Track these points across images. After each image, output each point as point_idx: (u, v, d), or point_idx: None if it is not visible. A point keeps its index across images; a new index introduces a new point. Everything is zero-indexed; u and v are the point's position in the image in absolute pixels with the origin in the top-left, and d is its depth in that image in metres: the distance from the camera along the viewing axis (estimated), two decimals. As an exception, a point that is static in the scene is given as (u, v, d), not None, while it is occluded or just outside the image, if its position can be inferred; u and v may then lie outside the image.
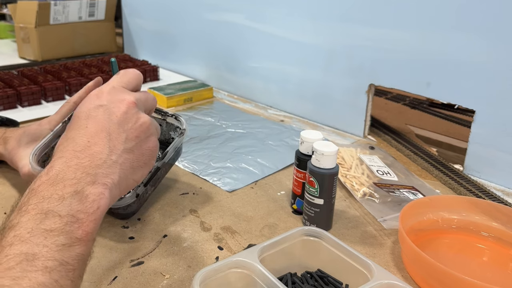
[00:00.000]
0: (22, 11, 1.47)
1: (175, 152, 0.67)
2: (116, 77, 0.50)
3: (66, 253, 0.37)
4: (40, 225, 0.36)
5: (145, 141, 0.48)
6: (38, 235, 0.36)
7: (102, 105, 0.46)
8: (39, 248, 0.35)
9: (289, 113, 1.10)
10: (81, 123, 0.45)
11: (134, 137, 0.46)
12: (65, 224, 0.37)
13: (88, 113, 0.45)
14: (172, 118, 0.69)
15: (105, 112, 0.45)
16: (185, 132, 0.66)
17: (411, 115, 1.15)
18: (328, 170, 0.59)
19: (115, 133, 0.45)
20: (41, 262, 0.35)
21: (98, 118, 0.45)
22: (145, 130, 0.48)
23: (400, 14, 0.84)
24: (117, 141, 0.45)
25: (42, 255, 0.35)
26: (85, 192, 0.40)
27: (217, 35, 1.24)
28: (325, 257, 0.51)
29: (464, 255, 0.59)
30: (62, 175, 0.40)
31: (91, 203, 0.39)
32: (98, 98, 0.47)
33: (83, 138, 0.43)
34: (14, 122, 0.85)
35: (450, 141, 0.99)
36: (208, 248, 0.58)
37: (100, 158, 0.42)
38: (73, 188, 0.39)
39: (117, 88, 0.48)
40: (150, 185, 0.63)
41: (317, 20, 0.98)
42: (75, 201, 0.39)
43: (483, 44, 0.75)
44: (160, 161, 0.64)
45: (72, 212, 0.38)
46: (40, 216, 0.37)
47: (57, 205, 0.38)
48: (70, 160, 0.41)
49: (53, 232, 0.37)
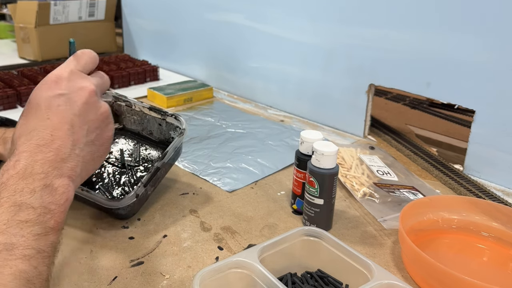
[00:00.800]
0: (22, 11, 1.47)
1: (175, 152, 0.67)
2: (73, 60, 0.50)
3: (41, 242, 0.39)
4: (15, 217, 0.38)
5: (104, 130, 0.49)
6: (14, 226, 0.38)
7: (63, 94, 0.46)
8: (16, 238, 0.37)
9: (289, 113, 1.10)
10: (42, 113, 0.45)
11: (95, 128, 0.48)
12: (38, 215, 0.39)
13: (49, 102, 0.45)
14: (172, 118, 0.69)
15: (67, 102, 0.46)
16: (184, 131, 0.66)
17: (411, 115, 1.15)
18: (328, 170, 0.59)
19: (77, 125, 0.46)
20: (19, 251, 0.37)
21: (60, 109, 0.45)
22: (104, 119, 0.49)
23: (400, 14, 0.84)
24: (79, 134, 0.46)
25: (20, 244, 0.37)
26: (54, 185, 0.42)
27: (217, 35, 1.24)
28: (325, 257, 0.51)
29: (464, 255, 0.59)
30: (30, 169, 0.41)
31: (60, 195, 0.42)
32: (57, 85, 0.47)
33: (46, 131, 0.44)
34: (14, 122, 0.85)
35: (450, 141, 0.99)
36: (208, 248, 0.58)
37: (64, 152, 0.44)
38: (42, 182, 0.41)
39: (75, 72, 0.48)
40: (150, 185, 0.63)
41: (317, 20, 0.98)
42: (45, 193, 0.41)
43: (483, 44, 0.75)
44: (160, 161, 0.63)
45: (44, 204, 0.40)
46: (14, 209, 0.39)
47: (30, 197, 0.40)
48: (35, 155, 0.42)
49: (28, 223, 0.39)
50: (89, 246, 0.58)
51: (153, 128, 0.73)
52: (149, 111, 0.70)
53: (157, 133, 0.73)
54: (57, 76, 0.47)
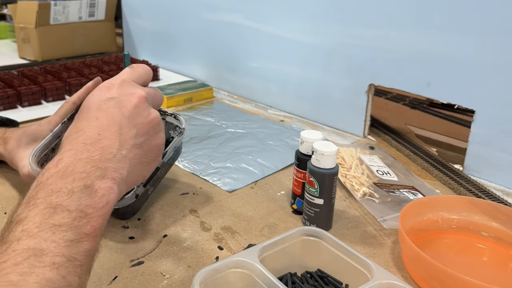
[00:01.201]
0: (22, 11, 1.47)
1: (174, 151, 0.66)
2: (127, 71, 0.50)
3: (74, 249, 0.36)
4: (48, 220, 0.36)
5: (154, 137, 0.48)
6: (46, 230, 0.36)
7: (113, 98, 0.45)
8: (47, 244, 0.35)
9: (289, 113, 1.10)
10: (91, 115, 0.44)
11: (143, 132, 0.46)
12: (73, 219, 0.37)
13: (99, 104, 0.45)
14: (172, 117, 0.68)
15: (116, 105, 0.45)
16: (184, 131, 0.66)
17: (411, 115, 1.15)
18: (328, 170, 0.59)
19: (126, 127, 0.45)
20: (49, 258, 0.34)
21: (109, 111, 0.44)
22: (154, 125, 0.48)
23: (400, 14, 0.84)
24: (127, 135, 0.45)
25: (50, 250, 0.35)
26: (95, 186, 0.39)
27: (217, 35, 1.24)
28: (325, 257, 0.51)
29: (464, 255, 0.59)
30: (71, 168, 0.39)
31: (100, 197, 0.39)
32: (108, 90, 0.46)
33: (94, 130, 0.43)
34: (14, 122, 0.85)
35: (450, 141, 0.99)
36: (208, 248, 0.58)
37: (110, 152, 0.42)
38: (82, 182, 0.39)
39: (127, 81, 0.48)
40: (150, 185, 0.63)
41: (317, 20, 0.98)
42: (84, 195, 0.38)
43: (483, 44, 0.75)
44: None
45: (81, 207, 0.38)
46: (49, 211, 0.37)
47: (66, 199, 0.37)
48: (80, 153, 0.41)
49: (62, 227, 0.36)
50: (89, 246, 0.58)
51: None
52: None
53: None
54: (109, 83, 0.47)
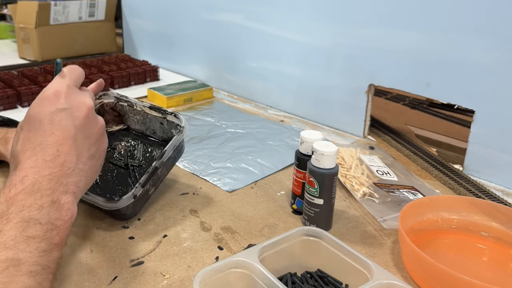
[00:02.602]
0: (22, 11, 1.47)
1: (175, 150, 0.66)
2: (65, 75, 0.51)
3: (46, 258, 0.40)
4: (23, 233, 0.39)
5: (102, 143, 0.51)
6: (22, 242, 0.39)
7: (64, 109, 0.47)
8: (23, 254, 0.38)
9: (289, 113, 1.10)
10: (45, 128, 0.46)
11: (95, 141, 0.49)
12: (45, 231, 0.41)
13: (51, 117, 0.46)
14: (172, 116, 0.69)
15: (68, 117, 0.47)
16: (184, 129, 0.66)
17: (411, 115, 1.15)
18: (328, 170, 0.59)
19: (80, 140, 0.47)
20: (26, 267, 0.38)
21: (63, 124, 0.46)
22: (102, 133, 0.51)
23: (400, 14, 0.85)
24: (82, 148, 0.47)
25: (26, 260, 0.38)
26: (61, 201, 0.43)
27: (217, 35, 1.24)
28: (325, 257, 0.51)
29: (464, 255, 0.59)
30: (38, 185, 0.42)
31: (66, 211, 0.43)
32: (58, 100, 0.47)
33: (52, 146, 0.45)
34: (15, 122, 0.85)
35: (450, 141, 0.99)
36: (208, 248, 0.58)
37: (69, 167, 0.45)
38: (50, 198, 0.42)
39: (72, 87, 0.50)
40: (151, 185, 0.63)
41: (317, 20, 0.98)
42: (52, 210, 0.42)
43: (483, 44, 0.75)
44: (158, 161, 0.63)
45: (51, 220, 0.41)
46: (23, 224, 0.40)
47: (38, 213, 0.41)
48: (43, 170, 0.43)
49: (35, 239, 0.40)
50: (89, 246, 0.58)
51: (156, 127, 0.73)
52: (150, 110, 0.70)
53: (160, 132, 0.73)
54: (55, 91, 0.48)
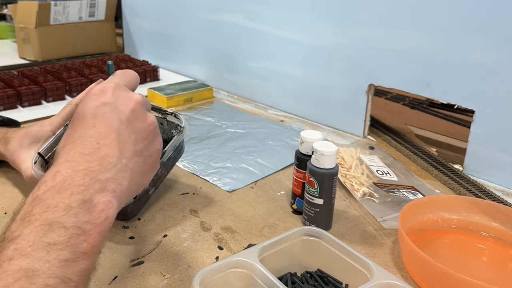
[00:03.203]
0: (22, 11, 1.47)
1: (175, 151, 0.66)
2: (118, 75, 0.48)
3: (69, 269, 0.34)
4: (43, 238, 0.34)
5: (152, 142, 0.46)
6: (40, 249, 0.33)
7: (109, 103, 0.43)
8: (40, 264, 0.33)
9: (289, 113, 1.10)
10: (87, 122, 0.42)
11: (143, 138, 0.45)
12: (70, 237, 0.35)
13: (94, 111, 0.43)
14: (172, 116, 0.68)
15: (113, 110, 0.43)
16: (184, 129, 0.65)
17: (411, 115, 1.15)
18: (328, 170, 0.59)
19: (125, 134, 0.42)
20: (41, 279, 0.32)
21: (106, 117, 0.42)
22: (153, 130, 0.46)
23: (400, 14, 0.85)
24: (127, 142, 0.42)
25: (43, 271, 0.33)
26: (94, 201, 0.37)
27: (217, 35, 1.24)
28: (325, 257, 0.51)
29: (464, 255, 0.59)
30: (69, 181, 0.37)
31: (99, 212, 0.37)
32: (103, 95, 0.44)
33: (92, 139, 0.40)
34: (15, 122, 0.85)
35: (450, 141, 0.99)
36: (208, 248, 0.58)
37: (110, 162, 0.40)
38: (80, 196, 0.37)
39: (120, 85, 0.46)
40: (150, 185, 0.63)
41: (317, 20, 0.98)
42: (82, 210, 0.36)
43: (483, 44, 0.75)
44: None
45: (78, 224, 0.35)
46: (44, 228, 0.34)
47: (63, 215, 0.35)
48: (78, 164, 0.38)
49: (57, 246, 0.34)
50: (89, 246, 0.58)
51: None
52: (151, 110, 0.70)
53: (161, 132, 0.71)
54: (102, 88, 0.45)
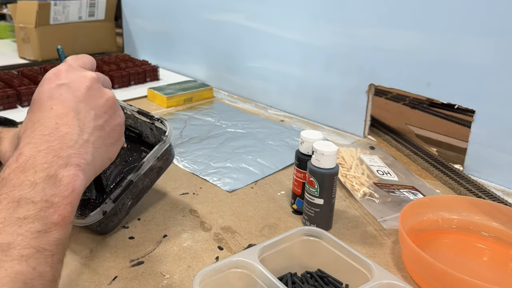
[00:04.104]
0: (22, 11, 1.47)
1: (160, 160, 0.61)
2: (71, 57, 0.49)
3: (42, 240, 0.36)
4: (13, 214, 0.36)
5: (113, 117, 0.47)
6: (12, 224, 0.35)
7: (64, 84, 0.44)
8: (13, 237, 0.35)
9: (289, 113, 1.10)
10: (45, 105, 0.43)
11: (102, 112, 0.46)
12: (39, 210, 0.37)
13: (50, 93, 0.44)
14: (159, 123, 0.64)
15: (69, 90, 0.44)
16: (167, 138, 0.61)
17: (411, 115, 1.15)
18: (328, 170, 0.59)
19: (83, 111, 0.44)
20: (16, 251, 0.34)
21: (63, 97, 0.44)
22: (112, 105, 0.47)
23: (400, 14, 0.84)
24: (86, 119, 0.44)
25: (17, 243, 0.35)
26: (59, 175, 0.39)
27: (217, 35, 1.24)
28: (325, 257, 0.51)
29: (464, 255, 0.59)
30: (32, 161, 0.38)
31: (65, 186, 0.39)
32: (57, 77, 0.45)
33: (51, 120, 0.42)
34: (12, 122, 0.84)
35: (450, 141, 0.99)
36: (208, 248, 0.58)
37: (71, 139, 0.41)
38: (45, 172, 0.38)
39: (74, 66, 0.47)
40: (130, 198, 0.60)
41: (317, 20, 0.98)
42: (48, 185, 0.38)
43: (483, 44, 0.75)
44: (133, 174, 0.58)
45: (46, 197, 0.37)
46: (13, 205, 0.36)
47: (30, 191, 0.37)
48: (39, 145, 0.40)
49: (27, 220, 0.36)
50: (89, 246, 0.58)
51: (147, 132, 0.68)
52: (139, 115, 0.66)
53: (152, 137, 0.68)
54: (55, 71, 0.46)
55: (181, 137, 0.93)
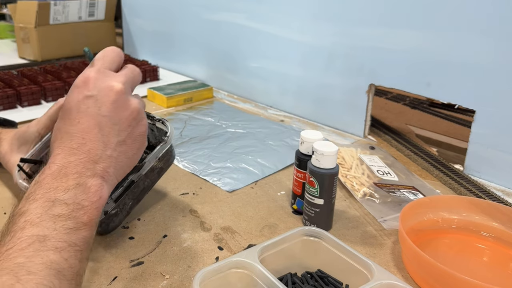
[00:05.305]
0: (22, 11, 1.47)
1: (161, 160, 0.61)
2: (99, 58, 0.50)
3: (73, 236, 0.40)
4: (48, 211, 0.40)
5: (136, 127, 0.49)
6: (47, 220, 0.39)
7: (92, 96, 0.47)
8: (49, 231, 0.39)
9: (289, 113, 1.10)
10: (73, 117, 0.46)
11: (126, 126, 0.48)
12: (71, 211, 0.41)
13: (78, 105, 0.47)
14: (160, 123, 0.64)
15: (95, 104, 0.47)
16: (168, 139, 0.61)
17: (411, 115, 1.15)
18: (328, 170, 0.59)
19: (108, 127, 0.47)
20: (51, 242, 0.38)
21: (89, 112, 0.46)
22: (135, 116, 0.49)
23: (400, 14, 0.84)
24: (110, 135, 0.47)
25: (52, 236, 0.39)
26: (87, 184, 0.44)
27: (217, 35, 1.24)
28: (325, 257, 0.51)
29: (464, 255, 0.59)
30: (64, 170, 0.43)
31: (93, 193, 0.44)
32: (85, 86, 0.47)
33: (77, 134, 0.46)
34: (11, 122, 0.84)
35: (450, 141, 0.99)
36: (208, 248, 0.58)
37: (96, 154, 0.46)
38: (76, 181, 0.43)
39: (102, 71, 0.48)
40: (130, 198, 0.60)
41: (317, 20, 0.98)
42: (79, 191, 0.43)
43: (483, 44, 0.75)
44: (135, 174, 0.58)
45: (77, 201, 0.42)
46: (48, 204, 0.40)
47: (63, 194, 0.41)
48: (69, 156, 0.44)
49: (61, 217, 0.40)
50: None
51: (148, 133, 0.66)
52: None
53: (152, 138, 0.68)
54: (85, 78, 0.48)
55: (181, 137, 0.93)
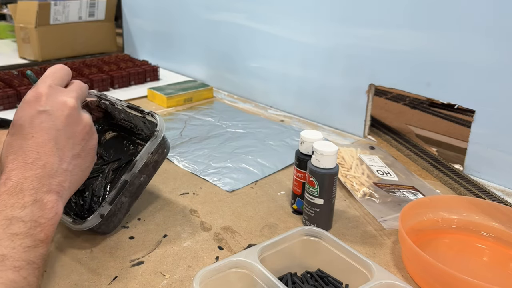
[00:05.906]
0: (22, 11, 1.47)
1: (155, 154, 0.61)
2: (49, 75, 0.50)
3: (31, 254, 0.41)
4: (6, 230, 0.40)
5: (89, 141, 0.51)
6: (5, 239, 0.40)
7: (45, 110, 0.47)
8: (7, 250, 0.39)
9: (289, 113, 1.10)
10: (26, 132, 0.46)
11: (80, 140, 0.49)
12: (29, 228, 0.42)
13: (31, 120, 0.47)
14: (150, 116, 0.63)
15: (49, 119, 0.47)
16: (158, 133, 0.59)
17: (411, 115, 1.15)
18: (328, 170, 0.59)
19: (62, 141, 0.47)
20: (10, 262, 0.39)
21: (43, 126, 0.46)
22: (88, 130, 0.50)
23: (400, 14, 0.84)
24: (65, 148, 0.47)
25: (10, 256, 0.39)
26: (43, 200, 0.44)
27: (217, 35, 1.24)
28: (325, 257, 0.51)
29: (464, 255, 0.59)
30: (20, 186, 0.43)
31: (49, 209, 0.44)
32: (38, 102, 0.47)
33: (32, 149, 0.45)
34: (9, 122, 0.84)
35: (450, 141, 0.99)
36: (208, 248, 0.58)
37: (51, 168, 0.46)
38: (32, 197, 0.43)
39: (53, 87, 0.49)
40: (127, 196, 0.59)
41: (317, 20, 0.98)
42: (35, 208, 0.43)
43: (483, 44, 0.75)
44: (128, 173, 0.58)
45: (34, 218, 0.42)
46: (6, 222, 0.41)
47: (20, 212, 0.42)
48: (24, 171, 0.44)
49: (19, 236, 0.41)
50: (89, 246, 0.58)
51: (140, 125, 0.68)
52: (129, 110, 0.65)
53: (146, 129, 0.68)
54: (37, 93, 0.48)
55: (181, 137, 0.93)
